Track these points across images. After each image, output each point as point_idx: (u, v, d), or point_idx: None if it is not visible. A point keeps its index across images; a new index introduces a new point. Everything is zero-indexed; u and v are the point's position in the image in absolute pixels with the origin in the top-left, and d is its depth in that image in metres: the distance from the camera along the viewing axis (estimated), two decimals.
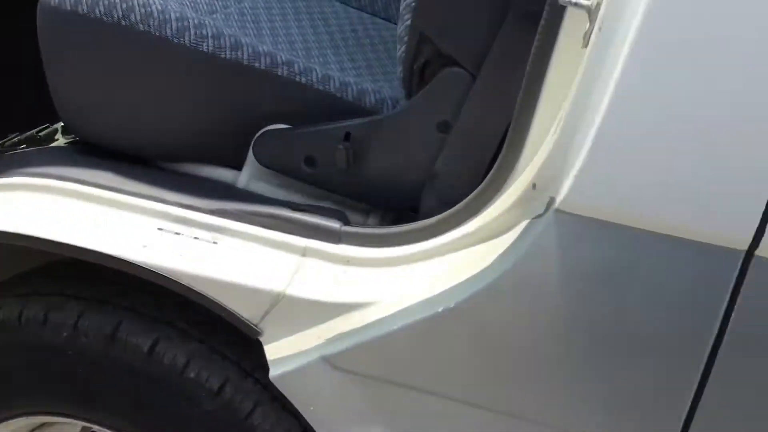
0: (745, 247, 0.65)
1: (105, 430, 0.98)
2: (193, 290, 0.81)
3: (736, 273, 0.66)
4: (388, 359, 0.79)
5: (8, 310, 0.93)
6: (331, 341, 0.79)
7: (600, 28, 0.63)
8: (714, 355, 0.69)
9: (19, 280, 0.98)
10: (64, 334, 0.91)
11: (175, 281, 0.81)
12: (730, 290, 0.66)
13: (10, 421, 1.00)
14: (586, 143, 0.65)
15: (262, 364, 0.84)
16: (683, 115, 0.63)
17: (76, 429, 1.04)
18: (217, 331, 0.91)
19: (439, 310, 0.74)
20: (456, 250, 0.78)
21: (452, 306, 0.73)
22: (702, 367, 0.69)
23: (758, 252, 0.65)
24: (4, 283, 0.99)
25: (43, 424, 1.05)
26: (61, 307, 0.92)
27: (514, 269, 0.71)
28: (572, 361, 0.73)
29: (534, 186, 0.70)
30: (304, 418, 0.86)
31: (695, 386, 0.70)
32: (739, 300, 0.66)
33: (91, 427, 1.02)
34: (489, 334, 0.74)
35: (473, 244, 0.77)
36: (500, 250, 0.72)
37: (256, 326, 0.82)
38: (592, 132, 0.64)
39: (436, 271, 0.78)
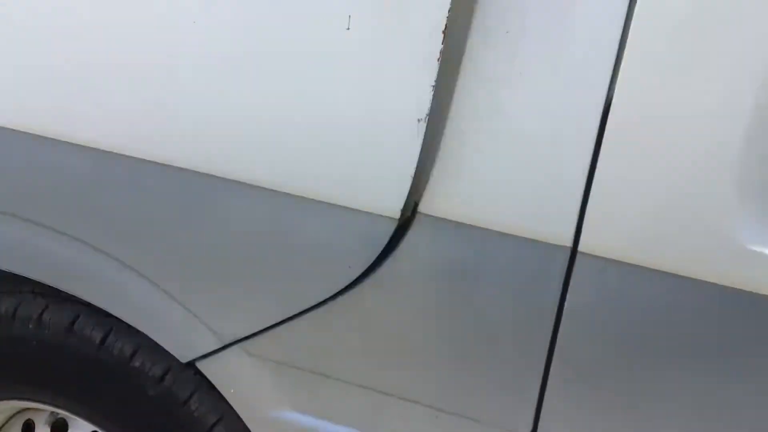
0: (570, 244, 0.75)
1: (69, 414, 1.12)
2: None
3: (564, 267, 0.76)
4: (291, 345, 0.90)
5: None
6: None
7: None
8: (554, 340, 0.79)
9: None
10: (30, 326, 1.05)
11: None
12: (561, 283, 0.77)
13: None
14: (439, 152, 0.76)
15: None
16: (508, 126, 0.74)
17: (45, 415, 1.18)
18: None
19: (328, 301, 0.86)
20: None
21: (338, 299, 0.85)
22: (546, 350, 0.80)
23: (581, 248, 0.75)
24: None
25: (22, 410, 1.19)
26: (29, 303, 1.06)
27: (388, 267, 0.82)
28: (438, 347, 0.84)
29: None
30: None
31: (542, 368, 0.81)
32: (568, 291, 0.77)
33: (58, 413, 1.15)
34: (371, 323, 0.86)
35: None
36: (378, 250, 0.83)
37: None
38: (443, 141, 0.76)
39: None
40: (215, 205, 0.85)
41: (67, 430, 1.18)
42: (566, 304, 0.77)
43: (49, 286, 1.05)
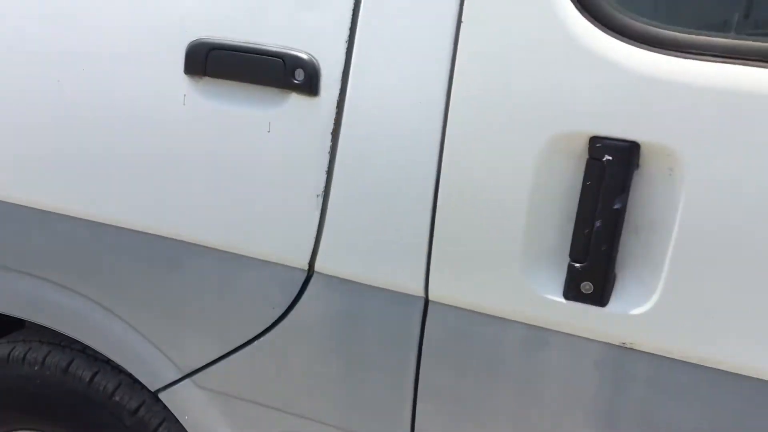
0: (422, 294, 1.00)
1: None
2: None
3: (421, 313, 1.01)
4: (231, 379, 1.15)
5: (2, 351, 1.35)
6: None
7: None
8: (417, 373, 1.03)
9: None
10: (36, 367, 1.32)
11: None
12: (419, 327, 1.01)
13: None
14: (326, 218, 1.02)
15: None
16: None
17: None
18: None
19: (255, 343, 1.11)
20: None
21: (260, 339, 1.10)
22: (412, 379, 1.03)
23: (431, 297, 1.00)
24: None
25: None
26: (36, 349, 1.33)
27: (296, 315, 1.08)
28: (337, 381, 1.08)
29: None
30: None
31: (411, 396, 1.04)
32: (425, 335, 1.01)
33: None
34: (288, 362, 1.10)
35: None
36: (293, 296, 1.08)
37: None
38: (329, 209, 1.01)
39: None
40: (172, 262, 1.11)
41: None
42: (424, 344, 1.01)
43: (52, 336, 1.32)
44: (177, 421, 1.26)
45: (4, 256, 1.23)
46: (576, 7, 0.86)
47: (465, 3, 0.90)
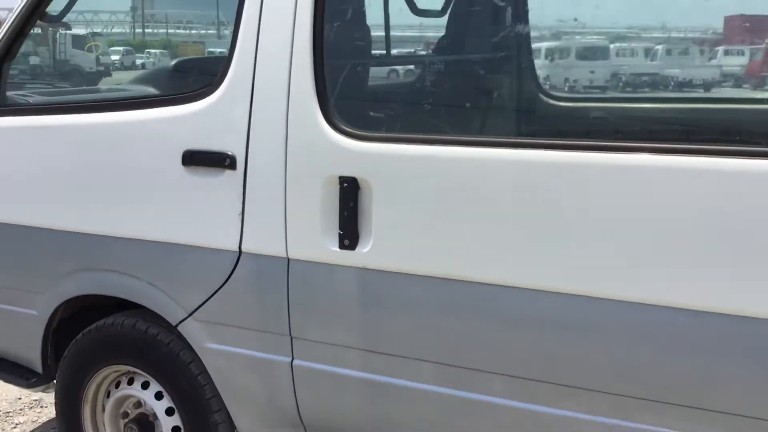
0: (284, 254, 2.17)
1: (137, 369, 2.55)
2: None
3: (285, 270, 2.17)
4: (211, 312, 2.32)
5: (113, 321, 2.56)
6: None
7: None
8: (288, 292, 2.18)
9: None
10: (123, 329, 2.53)
11: None
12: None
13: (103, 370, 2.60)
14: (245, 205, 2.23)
15: None
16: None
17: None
18: None
19: (218, 291, 2.29)
20: None
21: (221, 289, 2.28)
22: (285, 298, 2.18)
23: (290, 256, 2.16)
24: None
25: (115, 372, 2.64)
26: (123, 320, 2.55)
27: (235, 275, 2.25)
28: (255, 305, 2.24)
29: None
30: None
31: (286, 313, 2.19)
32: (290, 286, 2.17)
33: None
34: (236, 298, 2.27)
35: None
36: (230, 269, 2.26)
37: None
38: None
39: None
40: (169, 258, 2.34)
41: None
42: (290, 281, 2.17)
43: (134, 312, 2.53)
44: (189, 347, 2.43)
45: (111, 264, 2.46)
46: None
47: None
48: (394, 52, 2.40)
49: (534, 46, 2.00)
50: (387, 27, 2.47)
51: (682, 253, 1.66)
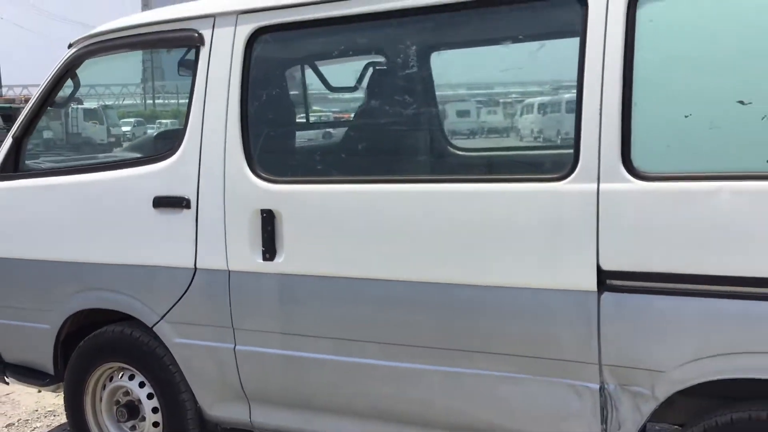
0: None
1: (127, 365, 3.37)
2: None
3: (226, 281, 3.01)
4: (177, 315, 3.14)
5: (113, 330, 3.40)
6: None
7: None
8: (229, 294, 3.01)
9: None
10: (116, 334, 3.36)
11: None
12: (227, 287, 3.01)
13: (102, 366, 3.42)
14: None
15: None
16: None
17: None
18: None
19: (182, 298, 3.12)
20: None
21: (183, 297, 3.11)
22: (227, 303, 3.01)
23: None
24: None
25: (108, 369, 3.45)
26: (115, 327, 3.38)
27: (192, 286, 3.08)
28: (208, 303, 3.07)
29: None
30: None
31: (228, 310, 3.01)
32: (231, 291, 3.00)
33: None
34: (194, 304, 3.10)
35: None
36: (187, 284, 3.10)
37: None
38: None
39: None
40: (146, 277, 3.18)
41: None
42: (231, 285, 3.00)
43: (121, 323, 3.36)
44: (163, 344, 3.24)
45: (103, 284, 3.30)
46: None
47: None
48: (309, 117, 3.28)
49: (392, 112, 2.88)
50: (305, 98, 3.35)
51: (467, 250, 2.49)
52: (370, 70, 3.28)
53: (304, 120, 3.11)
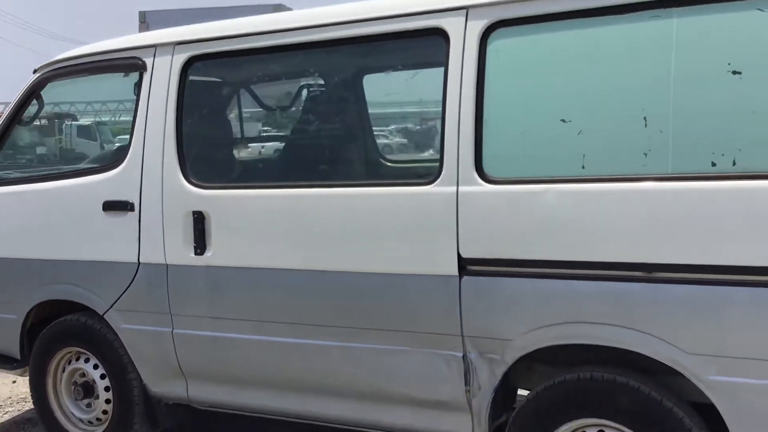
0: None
1: (83, 350, 3.85)
2: None
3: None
4: (124, 304, 3.63)
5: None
6: None
7: None
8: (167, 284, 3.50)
9: None
10: (77, 323, 3.84)
11: None
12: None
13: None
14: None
15: None
16: None
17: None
18: None
19: (127, 290, 3.61)
20: None
21: (128, 289, 3.60)
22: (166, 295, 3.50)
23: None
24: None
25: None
26: (76, 317, 3.86)
27: (136, 279, 3.58)
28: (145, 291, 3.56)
29: None
30: None
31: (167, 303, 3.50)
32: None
33: None
34: (139, 294, 3.58)
35: None
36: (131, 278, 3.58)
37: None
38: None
39: None
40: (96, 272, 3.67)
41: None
42: (169, 279, 3.49)
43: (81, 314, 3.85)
44: (112, 330, 3.72)
45: (62, 278, 3.78)
46: None
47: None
48: (233, 133, 3.79)
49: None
50: (231, 117, 3.86)
51: (356, 243, 2.99)
52: (280, 94, 3.83)
53: (230, 135, 3.61)
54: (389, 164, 3.61)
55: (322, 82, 3.71)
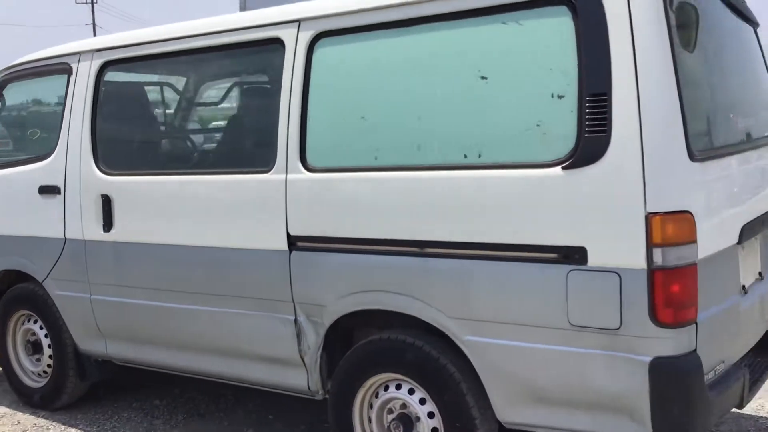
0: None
1: (31, 313, 4.52)
2: None
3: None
4: (58, 273, 4.26)
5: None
6: None
7: None
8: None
9: None
10: (29, 289, 4.52)
11: None
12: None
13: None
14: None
15: None
16: None
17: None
18: None
19: (59, 259, 4.24)
20: None
21: (60, 258, 4.23)
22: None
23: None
24: None
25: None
26: (26, 285, 4.54)
27: (65, 250, 4.20)
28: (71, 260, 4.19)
29: None
30: None
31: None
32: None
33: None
34: (71, 263, 4.21)
35: None
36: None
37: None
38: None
39: None
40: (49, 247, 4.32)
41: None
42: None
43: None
44: (49, 296, 4.35)
45: (10, 252, 4.46)
46: None
47: None
48: (138, 127, 4.38)
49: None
50: (137, 112, 4.44)
51: (215, 222, 3.51)
52: (168, 95, 4.41)
53: (132, 129, 4.19)
54: (239, 156, 4.10)
55: (193, 84, 4.26)
